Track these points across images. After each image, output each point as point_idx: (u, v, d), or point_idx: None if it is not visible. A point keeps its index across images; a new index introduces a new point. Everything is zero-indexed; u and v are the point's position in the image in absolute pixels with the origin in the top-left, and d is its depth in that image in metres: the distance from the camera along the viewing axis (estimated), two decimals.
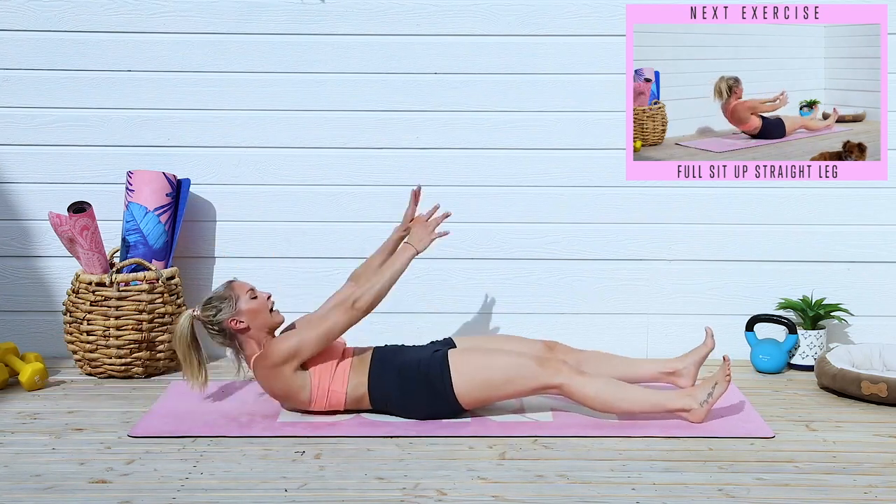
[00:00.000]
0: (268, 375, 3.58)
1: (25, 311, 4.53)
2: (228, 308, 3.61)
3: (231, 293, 3.63)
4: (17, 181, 4.49)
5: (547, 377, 3.53)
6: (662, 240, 4.52)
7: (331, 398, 3.60)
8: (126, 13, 4.41)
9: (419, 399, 3.57)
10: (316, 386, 3.58)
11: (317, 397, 3.59)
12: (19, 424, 3.62)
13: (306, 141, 4.48)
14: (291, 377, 3.57)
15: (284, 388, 3.59)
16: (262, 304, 3.64)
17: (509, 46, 4.44)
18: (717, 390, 3.54)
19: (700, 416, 3.54)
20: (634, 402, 3.54)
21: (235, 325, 3.61)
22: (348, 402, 3.62)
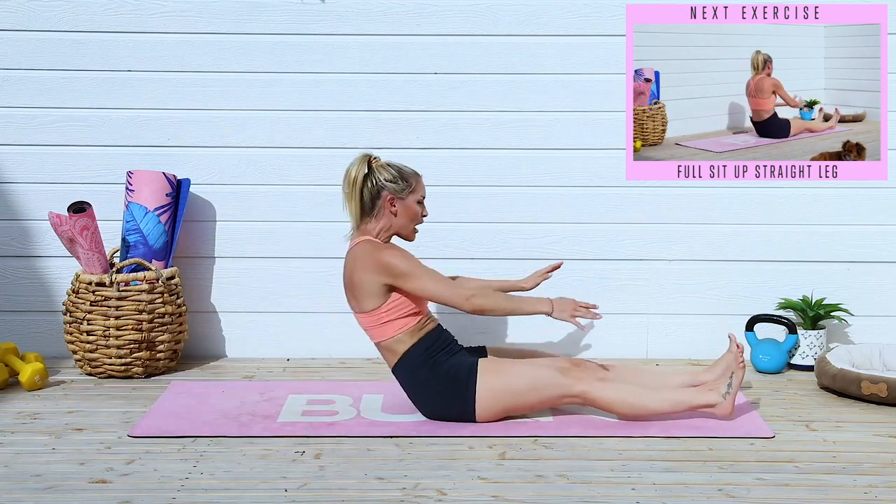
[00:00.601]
0: (365, 259, 3.54)
1: (25, 311, 4.53)
2: (400, 188, 3.60)
3: (413, 183, 3.63)
4: (17, 181, 4.49)
5: (569, 386, 3.53)
6: (662, 240, 4.52)
7: (379, 328, 3.57)
8: (126, 13, 4.41)
9: (436, 393, 3.56)
10: (383, 309, 3.56)
11: (373, 316, 3.57)
12: (19, 424, 3.62)
13: (306, 141, 4.48)
14: (377, 281, 3.53)
15: (362, 282, 3.55)
16: (416, 214, 3.64)
17: (509, 46, 4.44)
18: (734, 379, 3.55)
19: (727, 409, 3.55)
20: (658, 403, 3.55)
21: (390, 203, 3.60)
22: (385, 345, 3.60)
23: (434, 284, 3.56)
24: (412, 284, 3.54)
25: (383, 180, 3.59)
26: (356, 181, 3.58)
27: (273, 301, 4.54)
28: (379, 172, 3.60)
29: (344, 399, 3.90)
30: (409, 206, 3.63)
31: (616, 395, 3.53)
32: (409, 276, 3.53)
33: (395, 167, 3.63)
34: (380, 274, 3.53)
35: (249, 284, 4.54)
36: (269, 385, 4.11)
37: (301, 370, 4.38)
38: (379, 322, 3.58)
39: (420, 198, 3.66)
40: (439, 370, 3.55)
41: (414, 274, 3.53)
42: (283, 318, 4.55)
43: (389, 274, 3.53)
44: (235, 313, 4.56)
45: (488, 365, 3.56)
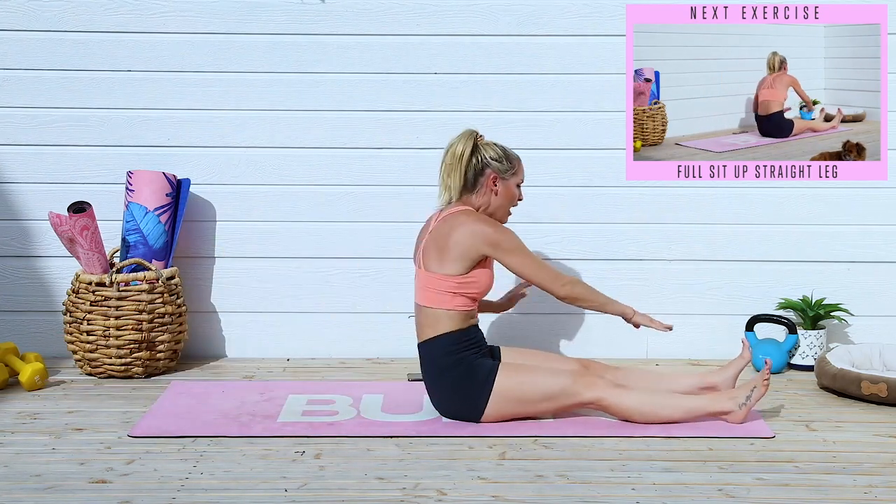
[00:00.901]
0: (472, 225, 3.54)
1: (25, 311, 4.53)
2: (504, 168, 3.64)
3: (516, 165, 3.68)
4: (17, 181, 4.49)
5: (583, 393, 3.53)
6: (662, 240, 4.52)
7: (441, 295, 3.57)
8: (126, 13, 4.41)
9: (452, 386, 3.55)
10: (459, 279, 3.56)
11: (446, 281, 3.56)
12: (19, 424, 3.62)
13: (306, 141, 4.48)
14: (476, 249, 3.55)
15: (459, 245, 3.55)
16: (514, 196, 3.69)
17: (509, 46, 4.44)
18: (755, 394, 3.54)
19: (740, 418, 3.55)
20: (674, 409, 3.55)
21: (493, 181, 3.63)
22: (432, 312, 3.58)
23: (535, 266, 3.61)
24: (515, 259, 3.58)
25: (489, 158, 3.63)
26: (462, 155, 3.61)
27: (273, 301, 4.54)
28: (485, 150, 3.64)
29: (344, 399, 3.90)
30: (509, 188, 3.67)
31: (631, 403, 3.53)
32: (514, 252, 3.57)
33: (500, 147, 3.68)
34: (483, 243, 3.55)
35: (249, 284, 4.54)
36: (269, 385, 4.11)
37: (301, 370, 4.38)
38: (448, 289, 3.57)
39: (520, 181, 3.70)
40: (462, 365, 3.55)
41: (520, 250, 3.59)
42: (283, 318, 4.55)
43: (494, 246, 3.56)
44: (235, 313, 4.56)
45: (508, 370, 3.56)
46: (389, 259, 4.51)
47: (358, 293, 4.54)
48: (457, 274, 3.57)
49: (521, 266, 3.60)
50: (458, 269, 3.57)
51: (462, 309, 3.59)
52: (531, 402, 3.54)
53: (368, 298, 4.54)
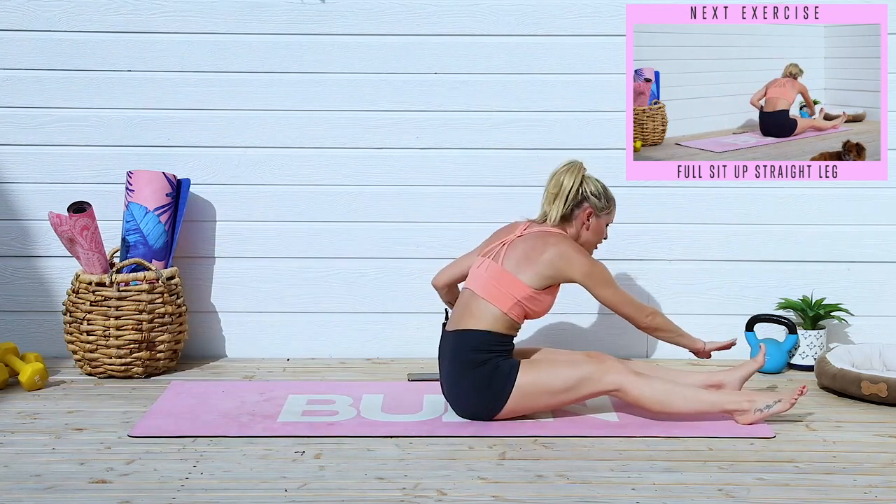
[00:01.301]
0: (569, 252, 3.60)
1: (25, 311, 4.53)
2: (601, 206, 3.72)
3: (612, 206, 3.78)
4: (17, 181, 4.49)
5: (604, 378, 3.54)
6: (662, 240, 4.52)
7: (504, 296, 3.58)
8: (126, 13, 4.41)
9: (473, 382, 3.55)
10: (528, 293, 3.59)
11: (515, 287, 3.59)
12: (19, 424, 3.62)
13: (306, 141, 4.48)
14: (560, 276, 3.62)
15: (548, 264, 3.60)
16: (601, 234, 3.77)
17: (509, 46, 4.44)
18: (778, 406, 3.53)
19: (749, 420, 3.54)
20: (691, 401, 3.54)
21: (587, 216, 3.71)
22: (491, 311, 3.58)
23: (623, 299, 3.67)
24: (607, 292, 3.65)
25: (589, 192, 3.71)
26: (569, 189, 3.69)
27: (273, 301, 4.54)
28: (587, 183, 3.72)
29: (344, 399, 3.90)
30: (600, 226, 3.76)
31: (650, 392, 3.53)
32: (606, 285, 3.64)
33: (601, 184, 3.76)
34: (578, 272, 3.62)
35: (249, 284, 4.54)
36: (269, 385, 4.11)
37: (301, 370, 4.38)
38: (516, 295, 3.59)
39: (611, 221, 3.80)
40: (487, 365, 3.55)
41: (610, 283, 3.65)
42: (283, 318, 4.55)
43: (588, 277, 3.62)
44: (235, 313, 4.56)
45: (529, 366, 3.57)
46: (389, 259, 4.51)
47: (358, 293, 4.54)
48: (532, 286, 3.60)
49: (611, 298, 3.66)
50: (536, 283, 3.61)
51: (516, 319, 3.62)
52: (553, 392, 3.54)
53: (368, 298, 4.54)
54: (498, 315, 3.59)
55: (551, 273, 3.62)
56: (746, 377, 3.78)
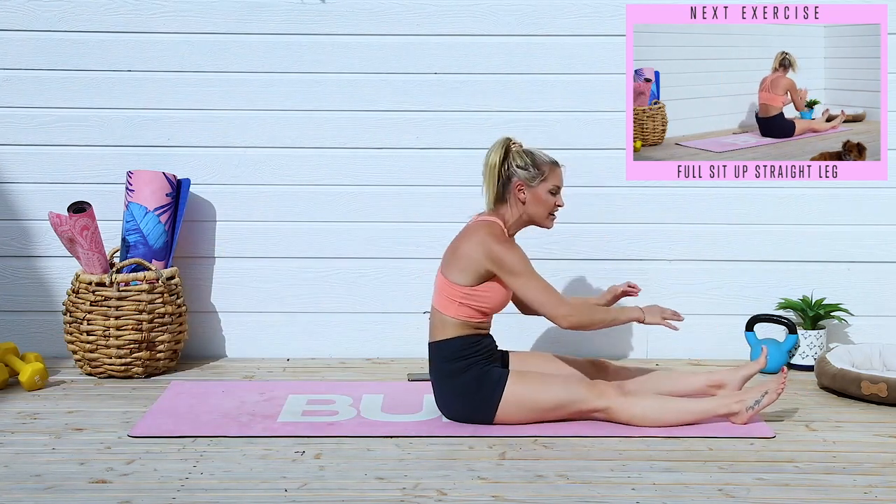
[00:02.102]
0: (481, 239, 3.51)
1: (25, 311, 4.53)
2: (531, 175, 3.58)
3: (546, 171, 3.60)
4: (17, 181, 4.49)
5: (593, 402, 3.52)
6: (662, 240, 4.52)
7: (451, 302, 3.55)
8: (126, 13, 4.41)
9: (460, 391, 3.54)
10: (467, 290, 3.53)
11: (454, 289, 3.54)
12: (19, 424, 3.62)
13: (306, 141, 4.48)
14: (482, 265, 3.51)
15: (467, 256, 3.52)
16: (549, 203, 3.62)
17: (509, 46, 4.44)
18: (765, 399, 3.53)
19: (744, 419, 3.54)
20: (681, 413, 3.54)
21: (518, 190, 3.59)
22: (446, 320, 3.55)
23: (539, 292, 3.53)
24: (518, 283, 3.52)
25: (515, 167, 3.58)
26: (493, 165, 3.58)
27: (273, 301, 4.54)
28: (514, 158, 3.59)
29: (344, 399, 3.90)
30: (539, 195, 3.60)
31: (640, 412, 3.51)
32: (518, 275, 3.51)
33: (531, 154, 3.61)
34: (487, 259, 3.51)
35: (249, 284, 4.54)
36: (269, 385, 4.11)
37: (301, 370, 4.38)
38: (454, 297, 3.55)
39: (553, 187, 3.62)
40: (469, 372, 3.54)
41: (524, 274, 3.52)
42: (283, 318, 4.55)
43: (498, 264, 3.50)
44: (235, 313, 4.56)
45: (518, 378, 3.54)
46: (389, 259, 4.51)
47: (358, 293, 4.54)
48: (463, 284, 3.54)
49: (524, 289, 3.53)
50: (465, 279, 3.54)
51: (468, 319, 3.57)
52: (541, 410, 3.53)
53: (368, 298, 4.54)
54: (450, 321, 3.56)
55: (471, 266, 3.53)
56: (748, 378, 3.78)
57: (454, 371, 3.55)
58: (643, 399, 3.55)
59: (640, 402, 3.54)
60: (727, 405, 3.55)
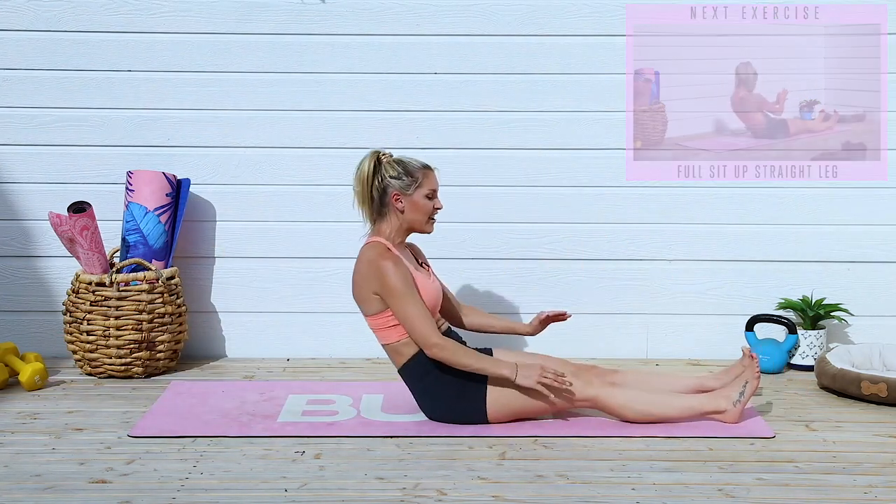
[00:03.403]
0: (365, 264, 3.51)
1: (25, 311, 4.53)
2: (406, 183, 3.55)
3: (420, 177, 3.57)
4: (17, 181, 4.49)
5: (581, 390, 3.52)
6: (662, 240, 4.52)
7: (385, 332, 3.55)
8: (126, 13, 4.41)
9: (444, 397, 3.54)
10: (388, 313, 3.53)
11: (377, 319, 3.54)
12: (19, 424, 3.62)
13: (306, 141, 4.48)
14: (371, 288, 3.51)
15: (366, 291, 3.52)
16: (427, 208, 3.59)
17: (509, 46, 4.44)
18: (747, 389, 3.55)
19: (735, 417, 3.55)
20: (668, 407, 3.55)
21: (395, 200, 3.56)
22: (391, 347, 3.56)
23: (414, 318, 3.47)
24: (396, 304, 3.49)
25: (389, 178, 3.55)
26: (366, 179, 3.55)
27: (273, 301, 4.54)
28: (385, 170, 3.56)
29: (344, 399, 3.90)
30: (416, 202, 3.58)
31: (626, 401, 3.53)
32: (396, 296, 3.48)
33: (402, 163, 3.58)
34: (374, 280, 3.50)
35: (249, 284, 4.54)
36: (269, 385, 4.11)
37: (301, 370, 4.38)
38: (385, 325, 3.55)
39: (429, 192, 3.59)
40: (449, 373, 3.54)
41: (403, 296, 3.47)
42: (283, 318, 4.55)
43: (381, 285, 3.49)
44: (235, 313, 4.56)
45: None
46: None
47: None
48: (381, 311, 3.54)
49: (401, 311, 3.48)
50: (378, 307, 3.53)
51: (400, 341, 3.55)
52: (528, 401, 3.53)
53: None
54: (397, 346, 3.55)
55: (371, 295, 3.53)
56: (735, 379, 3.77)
57: (431, 385, 3.55)
58: (630, 390, 3.58)
59: (627, 392, 3.56)
60: (714, 403, 3.56)
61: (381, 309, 3.53)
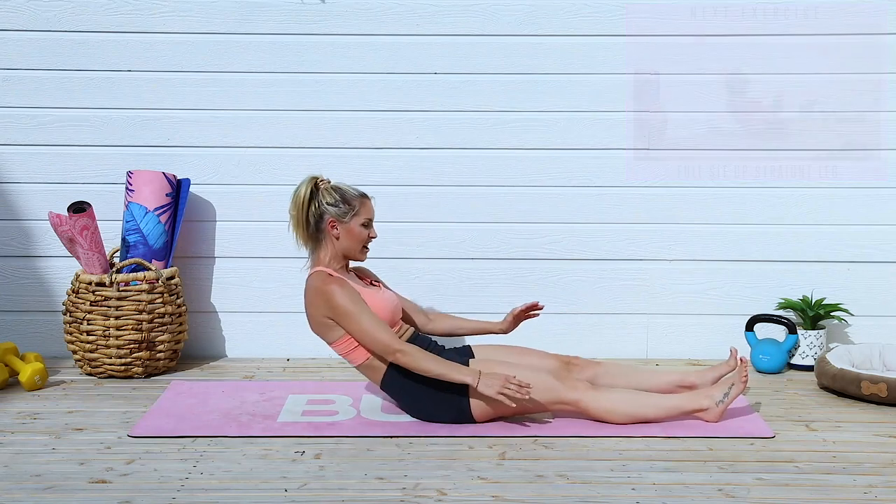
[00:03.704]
0: (313, 293, 3.54)
1: (25, 311, 4.53)
2: (342, 211, 3.58)
3: (357, 205, 3.61)
4: (17, 181, 4.49)
5: (563, 392, 3.52)
6: (662, 240, 4.52)
7: (353, 353, 3.57)
8: (126, 13, 4.41)
9: (432, 402, 3.55)
10: (348, 338, 3.56)
11: (341, 344, 3.56)
12: (19, 424, 3.62)
13: (306, 141, 4.48)
14: (324, 314, 3.54)
15: (318, 318, 3.56)
16: (362, 236, 3.62)
17: (509, 46, 4.44)
18: (732, 391, 3.54)
19: (716, 416, 3.55)
20: (650, 408, 3.54)
21: (331, 227, 3.58)
22: (364, 366, 3.58)
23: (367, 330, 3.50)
24: (346, 323, 3.51)
25: (325, 204, 3.59)
26: (302, 205, 3.59)
27: (273, 301, 4.54)
28: (323, 196, 3.60)
29: (344, 399, 3.90)
30: (352, 230, 3.61)
31: (609, 405, 3.53)
32: (344, 315, 3.51)
33: (339, 190, 3.62)
34: (323, 306, 3.53)
35: (249, 284, 4.54)
36: (269, 385, 4.11)
37: (301, 370, 4.38)
38: (350, 348, 3.58)
39: (365, 220, 3.64)
40: (427, 382, 3.54)
41: (353, 314, 3.50)
42: (283, 318, 4.54)
43: (332, 312, 3.52)
44: (235, 313, 4.56)
45: (481, 367, 3.55)
46: (389, 259, 4.50)
47: None
48: (342, 338, 3.57)
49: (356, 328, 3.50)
50: (337, 333, 3.56)
51: (367, 359, 3.58)
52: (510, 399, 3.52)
53: None
54: (370, 364, 3.58)
55: (326, 322, 3.55)
56: (719, 378, 3.77)
57: (415, 385, 3.56)
58: (613, 393, 3.57)
59: (610, 395, 3.55)
60: (697, 401, 3.56)
61: (341, 334, 3.56)
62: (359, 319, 3.50)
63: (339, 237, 3.61)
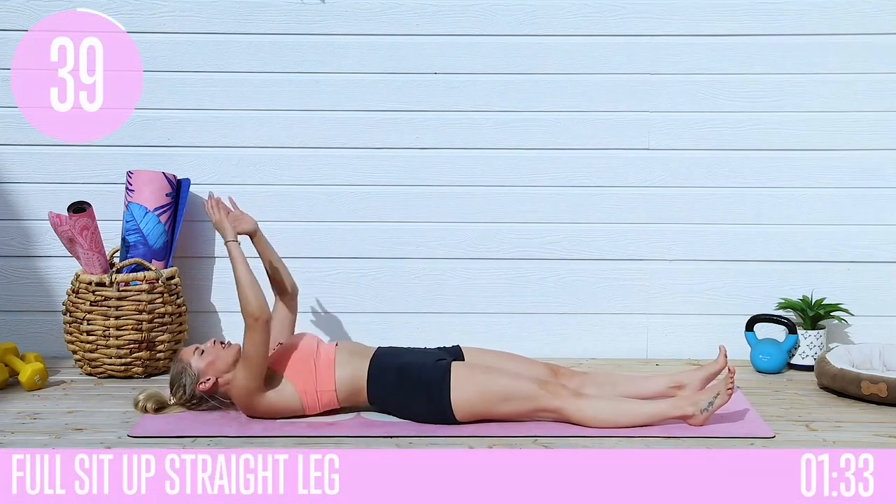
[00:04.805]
0: (254, 406, 3.57)
1: (25, 311, 4.53)
2: (189, 378, 3.62)
3: (182, 364, 3.64)
4: (17, 181, 4.49)
5: (545, 400, 3.50)
6: (662, 240, 4.52)
7: (322, 398, 3.58)
8: (126, 13, 4.41)
9: (416, 403, 3.56)
10: (303, 392, 3.57)
11: (308, 403, 3.58)
12: (19, 424, 3.62)
13: (306, 141, 4.48)
14: (275, 397, 3.56)
15: (277, 409, 3.58)
16: (211, 351, 3.64)
17: (509, 46, 4.44)
18: (717, 401, 3.50)
19: (700, 422, 3.53)
20: (634, 416, 3.52)
21: (204, 386, 3.61)
22: (341, 398, 3.60)
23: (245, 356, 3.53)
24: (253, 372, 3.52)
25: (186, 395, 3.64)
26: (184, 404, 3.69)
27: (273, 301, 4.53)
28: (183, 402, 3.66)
29: None
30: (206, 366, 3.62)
31: (592, 412, 3.50)
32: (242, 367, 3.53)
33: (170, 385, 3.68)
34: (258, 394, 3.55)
35: None
36: None
37: None
38: (315, 396, 3.59)
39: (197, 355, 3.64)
40: (409, 380, 3.55)
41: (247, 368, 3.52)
42: None
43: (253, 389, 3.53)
44: (235, 313, 4.54)
45: (462, 370, 3.53)
46: (389, 259, 4.51)
47: (357, 293, 4.54)
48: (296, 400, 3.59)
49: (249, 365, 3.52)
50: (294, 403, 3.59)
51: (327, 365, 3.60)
52: (490, 400, 3.50)
53: (368, 298, 4.54)
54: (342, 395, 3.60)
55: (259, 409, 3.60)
56: (709, 379, 3.75)
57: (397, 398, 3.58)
58: (596, 401, 3.54)
59: (593, 403, 3.52)
60: (681, 407, 3.53)
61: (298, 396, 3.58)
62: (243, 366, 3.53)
63: (213, 379, 3.61)
